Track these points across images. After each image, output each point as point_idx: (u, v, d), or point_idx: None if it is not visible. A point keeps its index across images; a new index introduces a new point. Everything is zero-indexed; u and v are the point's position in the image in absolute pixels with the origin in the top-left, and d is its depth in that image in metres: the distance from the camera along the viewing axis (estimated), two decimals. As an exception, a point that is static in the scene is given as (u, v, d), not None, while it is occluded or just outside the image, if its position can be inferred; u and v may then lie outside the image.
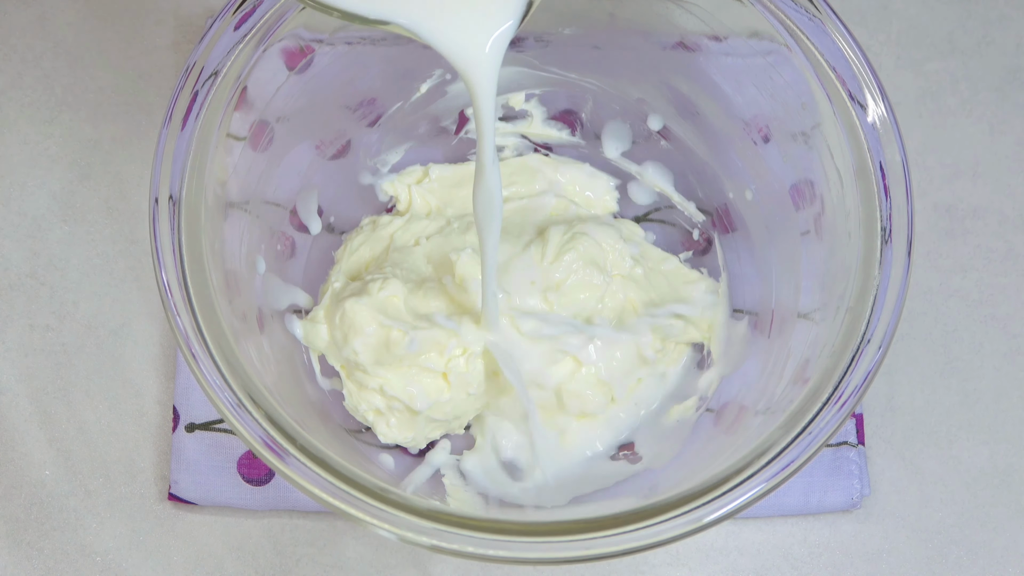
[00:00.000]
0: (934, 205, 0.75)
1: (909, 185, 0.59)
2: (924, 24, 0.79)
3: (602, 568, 0.70)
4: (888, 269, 0.57)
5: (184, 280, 0.57)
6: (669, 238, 0.73)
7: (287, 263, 0.69)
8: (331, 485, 0.54)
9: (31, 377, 0.72)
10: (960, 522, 0.70)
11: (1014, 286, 0.74)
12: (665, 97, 0.70)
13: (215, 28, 0.60)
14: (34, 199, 0.75)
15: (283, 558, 0.69)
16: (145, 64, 0.77)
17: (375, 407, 0.66)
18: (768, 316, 0.67)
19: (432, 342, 0.65)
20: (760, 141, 0.66)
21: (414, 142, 0.73)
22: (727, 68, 0.66)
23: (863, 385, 0.56)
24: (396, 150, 0.73)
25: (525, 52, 0.70)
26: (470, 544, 0.53)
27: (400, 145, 0.73)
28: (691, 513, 0.54)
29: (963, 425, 0.72)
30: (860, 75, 0.60)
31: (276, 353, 0.64)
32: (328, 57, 0.65)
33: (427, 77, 0.70)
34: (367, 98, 0.70)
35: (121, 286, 0.73)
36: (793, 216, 0.65)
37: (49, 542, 0.70)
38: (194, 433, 0.69)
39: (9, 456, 0.71)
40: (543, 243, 0.68)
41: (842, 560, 0.70)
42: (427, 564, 0.69)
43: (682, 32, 0.66)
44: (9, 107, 0.76)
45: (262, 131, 0.63)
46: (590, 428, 0.68)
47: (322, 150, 0.69)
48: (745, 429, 0.61)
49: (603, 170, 0.74)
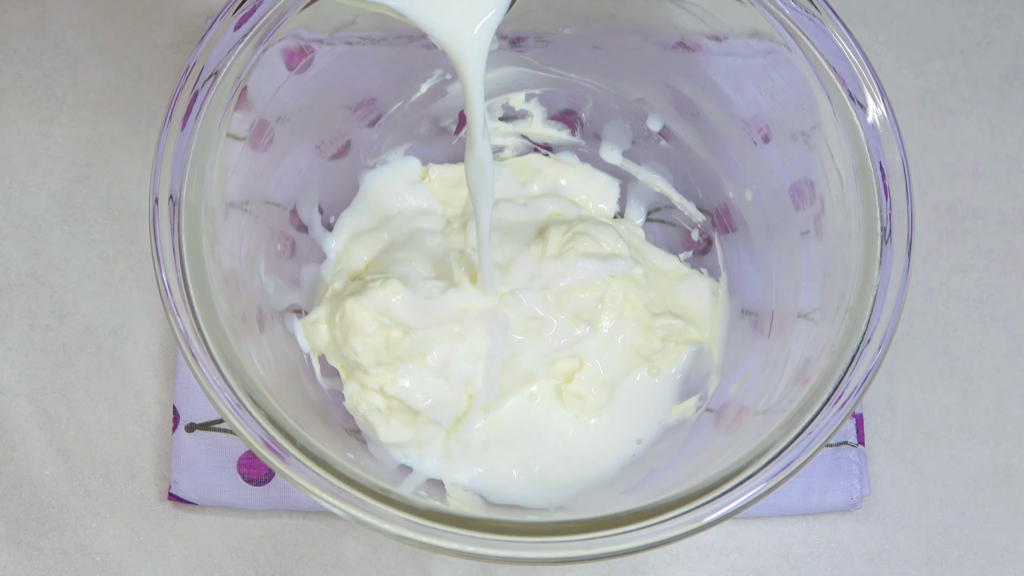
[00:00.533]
0: (934, 205, 0.75)
1: (909, 185, 0.59)
2: (924, 24, 0.79)
3: (602, 568, 0.70)
4: (888, 269, 0.57)
5: (184, 280, 0.57)
6: (669, 238, 0.73)
7: (287, 263, 0.69)
8: (331, 485, 0.54)
9: (31, 377, 0.72)
10: (960, 522, 0.70)
11: (1014, 286, 0.74)
12: (665, 97, 0.70)
13: (215, 28, 0.60)
14: (34, 199, 0.75)
15: (283, 558, 0.69)
16: (145, 64, 0.77)
17: (375, 407, 0.66)
18: (768, 316, 0.67)
19: (432, 341, 0.65)
20: (760, 141, 0.66)
21: (414, 142, 0.73)
22: (727, 68, 0.66)
23: (863, 385, 0.56)
24: (396, 150, 0.73)
25: (525, 52, 0.70)
26: (470, 544, 0.53)
27: (400, 145, 0.73)
28: (691, 513, 0.54)
29: (963, 425, 0.72)
30: (860, 75, 0.60)
31: (276, 353, 0.64)
32: (328, 57, 0.65)
33: (427, 77, 0.70)
34: (367, 98, 0.70)
35: (121, 286, 0.73)
36: (793, 216, 0.65)
37: (49, 542, 0.70)
38: (194, 433, 0.69)
39: (9, 456, 0.71)
40: (543, 243, 0.68)
41: (842, 560, 0.70)
42: (427, 564, 0.69)
43: (682, 32, 0.66)
44: (9, 107, 0.76)
45: (262, 131, 0.63)
46: (590, 427, 0.68)
47: (322, 150, 0.69)
48: (745, 429, 0.61)
49: (603, 170, 0.74)
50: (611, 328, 0.67)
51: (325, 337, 0.67)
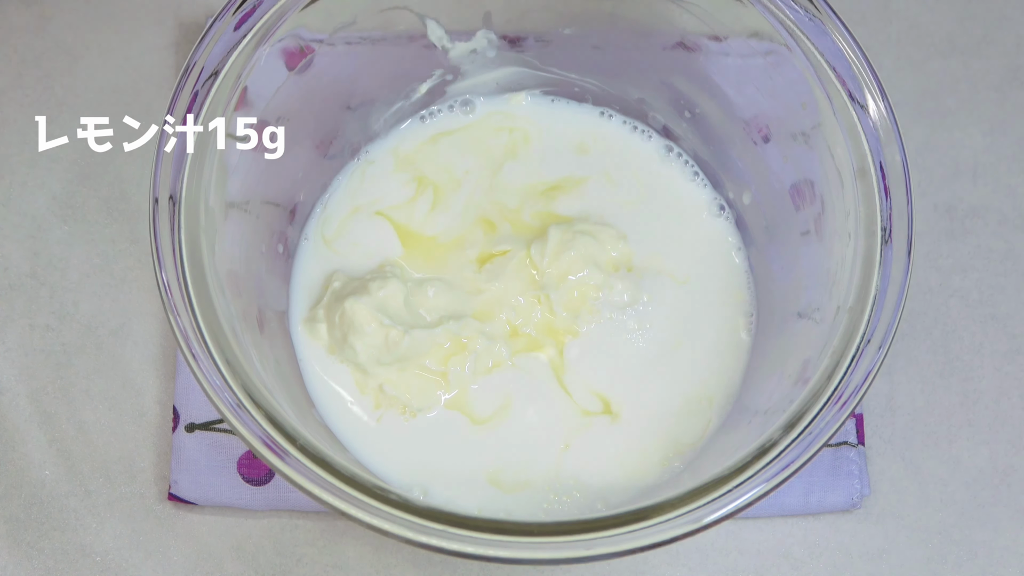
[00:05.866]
0: (934, 205, 0.75)
1: (909, 185, 0.59)
2: (924, 24, 0.79)
3: (602, 568, 0.70)
4: (888, 269, 0.57)
5: (184, 280, 0.57)
6: (669, 238, 0.73)
7: (287, 263, 0.69)
8: (331, 485, 0.54)
9: (31, 377, 0.72)
10: (960, 522, 0.70)
11: (1014, 286, 0.74)
12: (665, 97, 0.70)
13: (215, 28, 0.60)
14: (34, 199, 0.75)
15: (283, 558, 0.69)
16: (145, 64, 0.77)
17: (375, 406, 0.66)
18: (768, 316, 0.67)
19: (431, 342, 0.65)
20: (760, 141, 0.66)
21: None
22: (727, 68, 0.66)
23: (863, 385, 0.56)
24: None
25: (525, 52, 0.70)
26: (470, 544, 0.53)
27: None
28: (691, 513, 0.54)
29: (963, 425, 0.72)
30: (860, 75, 0.60)
31: (276, 353, 0.64)
32: (328, 57, 0.65)
33: (427, 77, 0.70)
34: (367, 98, 0.70)
35: (121, 286, 0.73)
36: (793, 216, 0.65)
37: (49, 542, 0.70)
38: (194, 433, 0.69)
39: (9, 456, 0.71)
40: (543, 242, 0.68)
41: (842, 560, 0.70)
42: (427, 564, 0.69)
43: (682, 32, 0.66)
44: (9, 107, 0.76)
45: (262, 131, 0.63)
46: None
47: (322, 150, 0.69)
48: (745, 429, 0.61)
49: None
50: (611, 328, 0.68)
51: (325, 337, 0.67)
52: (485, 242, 0.69)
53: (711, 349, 0.68)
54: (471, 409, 0.67)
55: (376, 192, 0.71)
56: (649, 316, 0.68)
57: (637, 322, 0.68)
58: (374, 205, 0.71)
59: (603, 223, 0.70)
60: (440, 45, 0.69)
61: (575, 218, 0.70)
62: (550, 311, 0.67)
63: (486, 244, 0.69)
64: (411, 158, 0.71)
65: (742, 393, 0.66)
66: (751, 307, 0.68)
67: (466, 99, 0.72)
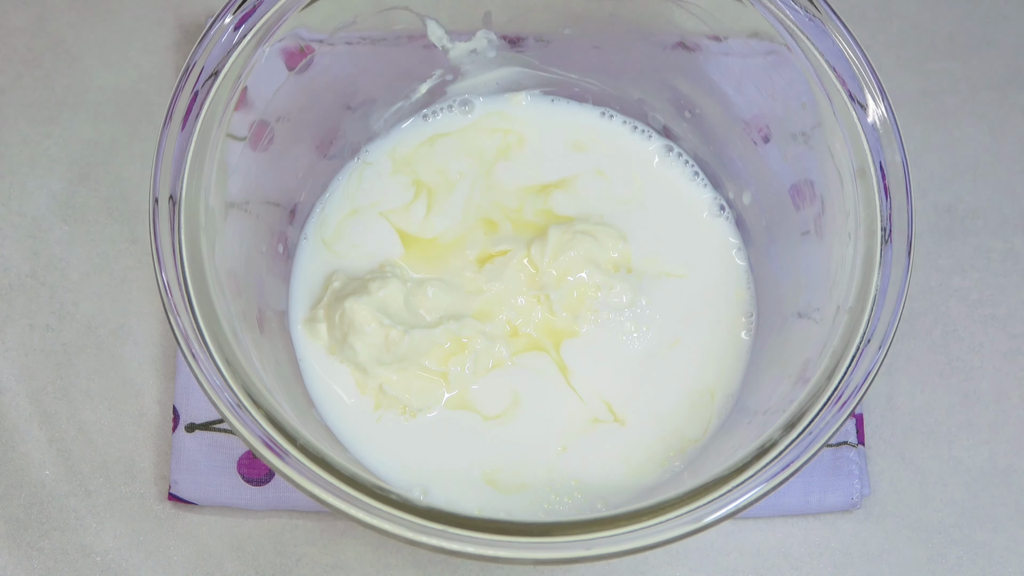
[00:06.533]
0: (934, 205, 0.75)
1: (909, 185, 0.59)
2: (924, 24, 0.79)
3: (602, 568, 0.70)
4: (888, 269, 0.57)
5: (184, 280, 0.57)
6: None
7: (287, 263, 0.69)
8: (331, 485, 0.54)
9: (31, 377, 0.72)
10: (960, 522, 0.70)
11: (1014, 286, 0.74)
12: (665, 97, 0.70)
13: (215, 28, 0.60)
14: (34, 199, 0.75)
15: (283, 558, 0.69)
16: (145, 64, 0.77)
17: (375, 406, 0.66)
18: (768, 316, 0.67)
19: (431, 342, 0.65)
20: (760, 141, 0.66)
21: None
22: (727, 68, 0.66)
23: (863, 385, 0.56)
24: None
25: (525, 52, 0.70)
26: (470, 544, 0.53)
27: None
28: (691, 513, 0.54)
29: (963, 425, 0.72)
30: (860, 75, 0.60)
31: (276, 353, 0.64)
32: (328, 57, 0.65)
33: (427, 77, 0.70)
34: (367, 98, 0.70)
35: (121, 286, 0.73)
36: (793, 216, 0.65)
37: (49, 542, 0.70)
38: (194, 433, 0.69)
39: (9, 456, 0.71)
40: (543, 242, 0.68)
41: (842, 560, 0.70)
42: (427, 564, 0.69)
43: (682, 32, 0.66)
44: (9, 107, 0.76)
45: (262, 131, 0.63)
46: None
47: (322, 150, 0.69)
48: (745, 429, 0.61)
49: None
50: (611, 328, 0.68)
51: (325, 337, 0.67)
52: (485, 242, 0.69)
53: (711, 349, 0.68)
54: (471, 409, 0.67)
55: (374, 194, 0.71)
56: (649, 316, 0.68)
57: (637, 322, 0.68)
58: (373, 207, 0.71)
59: (603, 223, 0.70)
60: (440, 45, 0.69)
61: (575, 218, 0.70)
62: (550, 311, 0.67)
63: (486, 244, 0.69)
64: (408, 160, 0.71)
65: (742, 393, 0.66)
66: (751, 307, 0.68)
67: (465, 99, 0.72)
